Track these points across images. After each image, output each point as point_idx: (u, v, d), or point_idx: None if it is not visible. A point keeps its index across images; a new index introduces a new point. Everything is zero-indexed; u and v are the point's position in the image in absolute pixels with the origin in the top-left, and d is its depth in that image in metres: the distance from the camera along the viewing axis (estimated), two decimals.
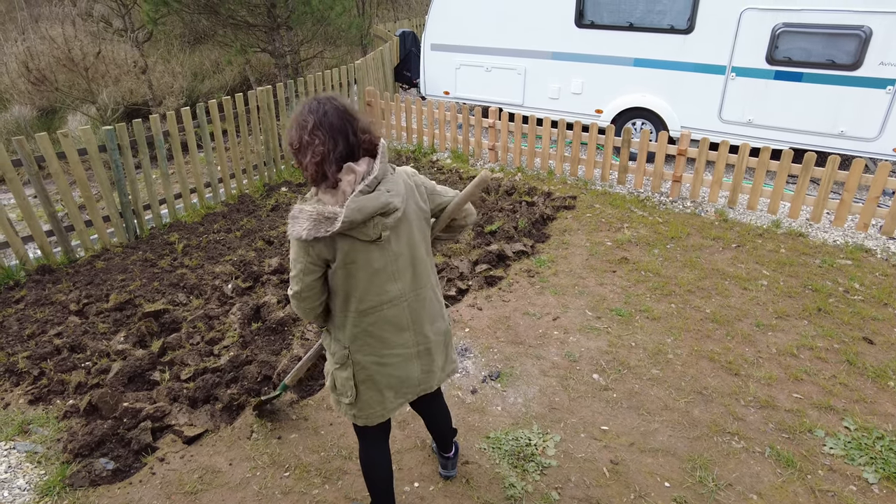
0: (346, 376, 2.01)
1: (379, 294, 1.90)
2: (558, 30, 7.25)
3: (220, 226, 5.43)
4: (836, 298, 4.22)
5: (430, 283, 2.05)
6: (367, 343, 1.96)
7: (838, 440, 2.94)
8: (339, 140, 1.77)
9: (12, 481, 2.71)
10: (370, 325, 1.93)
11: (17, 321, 3.90)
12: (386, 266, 1.88)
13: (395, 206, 1.82)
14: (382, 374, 2.01)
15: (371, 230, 1.80)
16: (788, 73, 6.06)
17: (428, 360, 2.09)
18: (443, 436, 2.57)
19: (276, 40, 9.45)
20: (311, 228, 1.73)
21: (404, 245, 1.92)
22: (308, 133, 1.77)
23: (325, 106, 1.79)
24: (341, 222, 1.71)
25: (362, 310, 1.91)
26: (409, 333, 2.00)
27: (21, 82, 8.49)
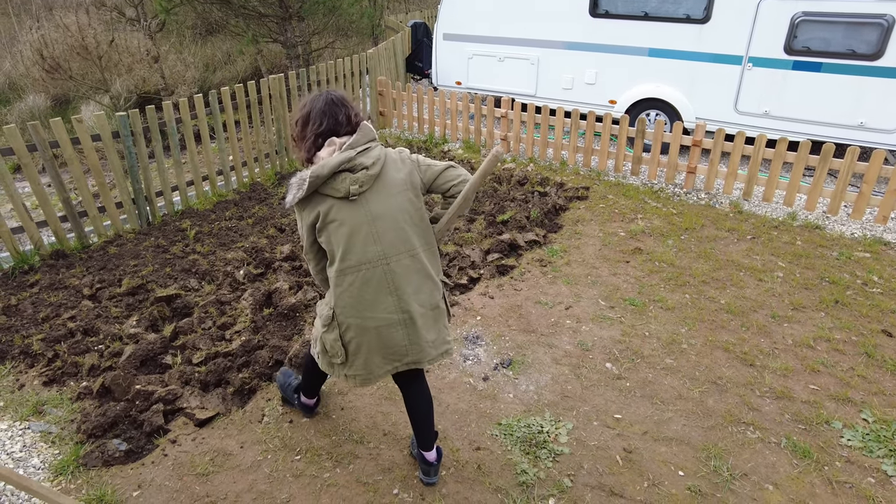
0: (333, 338, 2.18)
1: (358, 254, 2.05)
2: (572, 19, 7.18)
3: (232, 213, 5.44)
4: (854, 291, 4.15)
5: (417, 252, 2.13)
6: (349, 304, 2.10)
7: (856, 432, 2.89)
8: (324, 121, 2.09)
9: (27, 460, 2.73)
10: (351, 285, 2.08)
11: (32, 305, 3.93)
12: (362, 226, 2.05)
13: (363, 164, 2.03)
14: (366, 337, 2.13)
15: (340, 184, 2.02)
16: (807, 64, 5.96)
17: (413, 332, 2.16)
18: (421, 420, 2.45)
19: (287, 31, 9.44)
20: (295, 193, 2.03)
21: (383, 209, 2.07)
22: (302, 119, 2.13)
23: (318, 97, 2.13)
24: (308, 178, 1.99)
25: (343, 269, 2.07)
26: (392, 298, 2.10)
27: (35, 70, 8.54)
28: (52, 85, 8.75)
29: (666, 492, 2.57)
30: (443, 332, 2.29)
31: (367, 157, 2.05)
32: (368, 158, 2.05)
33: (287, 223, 5.17)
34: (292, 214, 5.37)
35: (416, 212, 2.15)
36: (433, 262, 2.22)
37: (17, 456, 2.75)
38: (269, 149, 6.38)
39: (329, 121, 2.09)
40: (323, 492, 2.56)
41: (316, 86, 6.79)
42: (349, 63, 7.36)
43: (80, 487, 2.58)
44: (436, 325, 2.24)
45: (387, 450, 2.77)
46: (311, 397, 2.82)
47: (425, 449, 2.52)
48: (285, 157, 6.59)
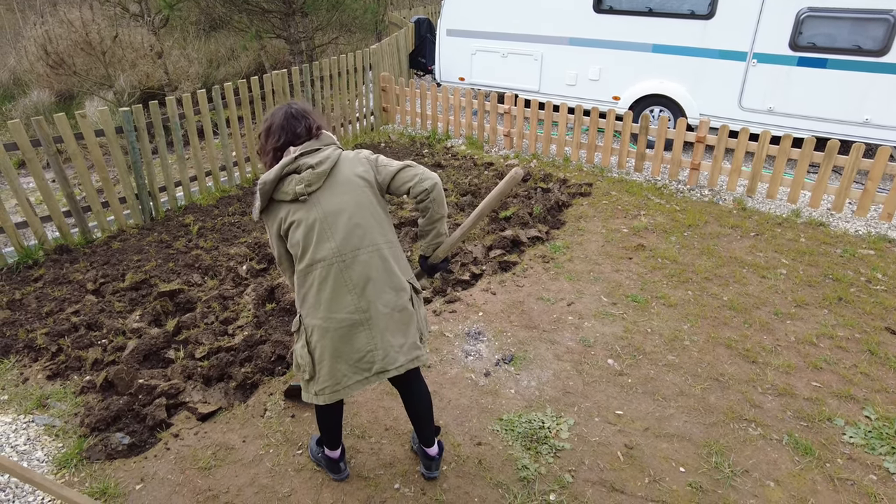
0: (301, 345, 2.15)
1: (314, 252, 2.04)
2: (576, 15, 7.15)
3: (235, 209, 5.45)
4: (858, 288, 4.13)
5: (380, 248, 2.09)
6: (312, 305, 2.08)
7: (858, 429, 2.89)
8: (281, 135, 2.11)
9: (31, 453, 2.75)
10: (311, 285, 2.06)
11: (36, 299, 3.94)
12: (315, 224, 2.03)
13: (307, 164, 2.03)
14: (329, 340, 2.07)
15: (287, 187, 2.03)
16: (812, 60, 5.93)
17: (377, 333, 2.07)
18: (419, 420, 2.43)
19: (291, 26, 9.43)
20: (256, 205, 2.09)
21: (336, 205, 2.04)
22: (263, 133, 2.17)
23: (279, 110, 2.15)
24: (258, 187, 2.04)
25: (302, 269, 2.07)
26: (351, 297, 2.05)
27: (39, 66, 8.56)
28: (56, 80, 8.77)
29: (667, 488, 2.57)
30: (412, 337, 2.16)
31: (313, 157, 2.05)
32: (314, 158, 2.05)
33: None
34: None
35: (375, 208, 2.11)
36: (398, 262, 2.15)
37: (22, 449, 2.77)
38: None
39: (287, 135, 2.10)
40: (324, 486, 2.57)
41: (319, 81, 6.79)
42: (352, 59, 7.36)
43: (84, 480, 2.60)
44: (403, 330, 2.13)
45: (388, 445, 2.78)
46: (333, 448, 2.50)
47: (426, 445, 2.53)
48: None
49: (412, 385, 2.39)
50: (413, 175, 2.11)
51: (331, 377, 2.10)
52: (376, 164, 2.16)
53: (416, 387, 2.39)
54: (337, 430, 2.45)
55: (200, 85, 9.17)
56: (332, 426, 2.42)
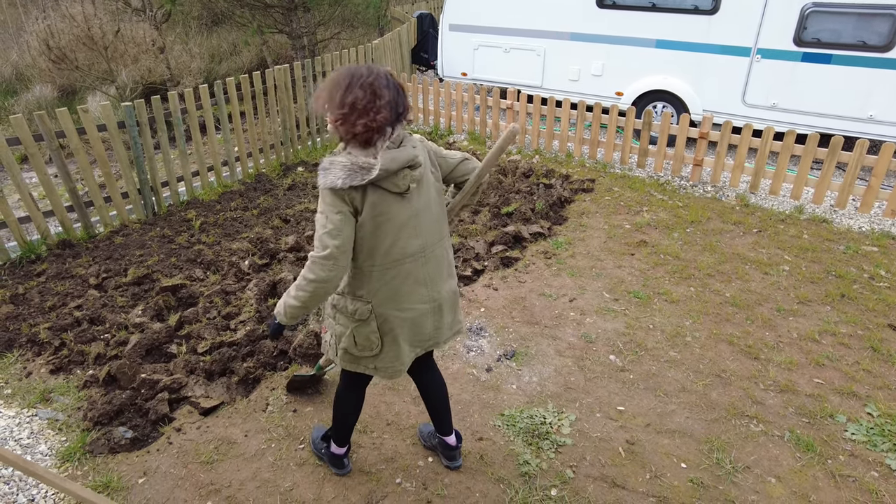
0: (370, 330, 2.07)
1: (403, 248, 1.99)
2: (579, 10, 7.12)
3: (237, 204, 5.45)
4: (861, 285, 4.12)
5: (444, 242, 2.14)
6: (389, 296, 2.03)
7: (860, 426, 2.88)
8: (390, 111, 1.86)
9: (35, 447, 2.76)
10: (392, 279, 2.01)
11: (39, 294, 3.95)
12: (409, 220, 1.98)
13: (420, 161, 1.96)
14: (402, 328, 2.09)
15: (401, 181, 1.91)
16: (817, 55, 5.90)
17: (439, 317, 2.17)
18: (439, 409, 2.49)
19: (293, 21, 9.41)
20: (346, 177, 1.82)
21: (424, 202, 2.02)
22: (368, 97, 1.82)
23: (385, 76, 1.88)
24: (378, 170, 1.83)
25: (387, 263, 1.99)
26: (425, 289, 2.08)
27: (42, 61, 8.55)
28: (58, 75, 8.76)
29: (668, 484, 2.57)
30: (458, 314, 2.31)
31: (421, 153, 1.99)
32: (422, 154, 1.99)
33: (292, 214, 5.18)
34: (298, 207, 5.37)
35: (441, 202, 2.13)
36: (450, 249, 2.25)
37: (25, 442, 2.78)
38: (275, 140, 6.38)
39: (393, 114, 1.88)
40: (326, 480, 2.57)
41: (321, 76, 6.77)
42: (354, 54, 7.34)
43: (87, 474, 2.61)
44: (454, 309, 2.26)
45: (390, 439, 2.79)
46: (343, 444, 2.53)
47: (445, 434, 2.55)
48: (290, 148, 6.58)
49: (430, 372, 2.45)
50: (472, 168, 2.22)
51: (396, 359, 2.15)
52: (435, 154, 2.15)
53: (433, 374, 2.46)
54: (352, 426, 2.49)
55: (202, 80, 9.16)
56: (352, 421, 2.45)
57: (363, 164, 1.84)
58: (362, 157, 1.85)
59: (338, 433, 2.49)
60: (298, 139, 6.73)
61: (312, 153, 6.79)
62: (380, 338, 2.09)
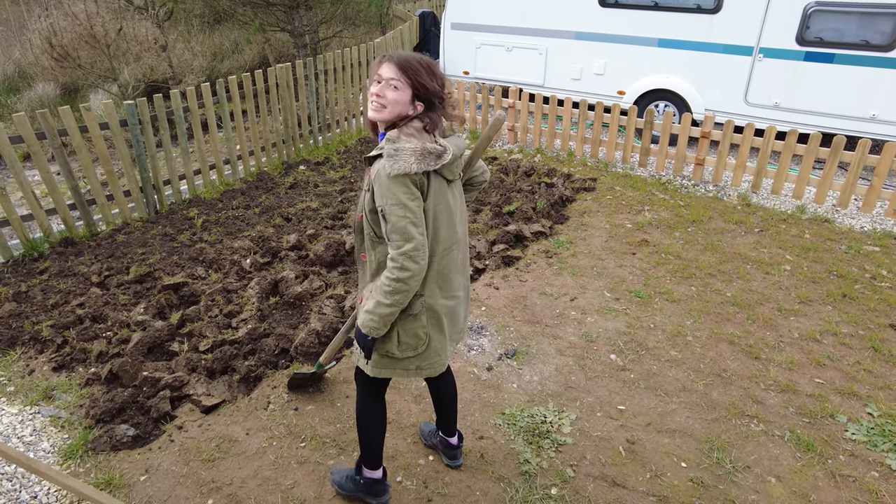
0: (419, 325, 1.98)
1: (453, 235, 2.00)
2: (581, 9, 7.11)
3: (239, 202, 5.46)
4: (863, 285, 4.12)
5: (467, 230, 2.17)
6: (439, 286, 2.00)
7: (861, 426, 2.88)
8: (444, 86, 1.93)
9: (37, 444, 2.77)
10: (444, 268, 2.00)
11: (42, 291, 3.97)
12: (456, 207, 2.01)
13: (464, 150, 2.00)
14: (449, 317, 2.07)
15: (455, 168, 1.96)
16: (819, 55, 5.89)
17: (466, 307, 2.21)
18: (448, 410, 2.48)
19: (295, 19, 9.41)
20: (420, 161, 1.76)
21: (459, 191, 2.06)
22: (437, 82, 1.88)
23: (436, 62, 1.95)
24: (451, 154, 1.84)
25: (440, 251, 1.96)
26: (461, 277, 2.11)
27: (44, 58, 8.56)
28: (60, 73, 8.78)
29: (668, 483, 2.57)
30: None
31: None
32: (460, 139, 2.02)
33: (293, 213, 5.18)
34: (299, 205, 5.36)
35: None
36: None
37: (28, 440, 2.79)
38: (276, 138, 6.38)
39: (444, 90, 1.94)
40: (327, 479, 2.58)
41: (323, 75, 6.78)
42: (357, 52, 7.34)
43: (89, 471, 2.62)
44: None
45: (390, 438, 2.79)
46: (375, 467, 2.37)
47: (449, 435, 2.57)
48: (292, 146, 6.59)
49: (448, 376, 2.44)
50: (480, 165, 2.25)
51: (440, 353, 2.08)
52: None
53: (450, 378, 2.45)
54: (382, 437, 2.33)
55: (205, 78, 9.16)
56: (381, 439, 2.31)
57: (432, 149, 1.79)
58: (429, 143, 1.80)
59: (368, 455, 2.32)
60: (300, 138, 6.74)
61: (314, 152, 6.80)
62: (427, 333, 2.00)
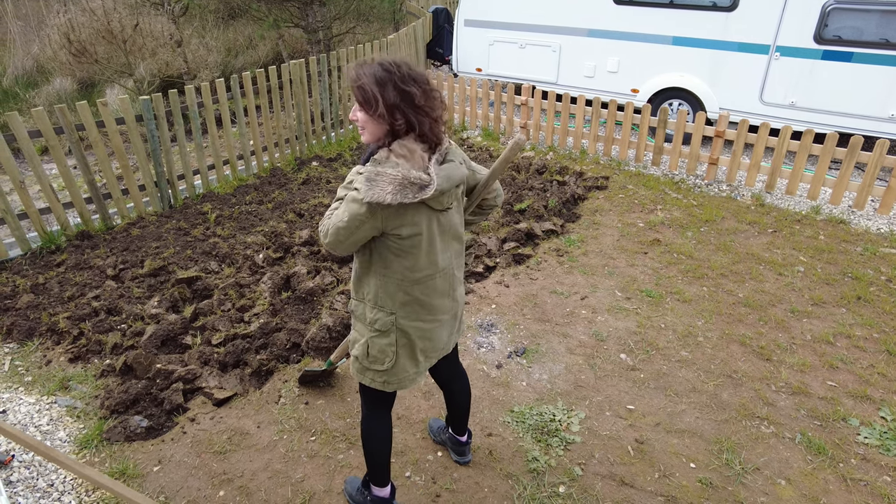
0: (387, 342, 1.97)
1: (433, 263, 1.91)
2: (596, 6, 7.07)
3: (252, 197, 5.50)
4: (878, 287, 4.07)
5: (461, 251, 2.08)
6: (414, 310, 1.95)
7: (874, 430, 2.86)
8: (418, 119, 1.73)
9: (54, 433, 2.82)
10: (421, 293, 1.93)
11: (59, 283, 4.03)
12: (443, 236, 1.91)
13: (464, 179, 1.88)
14: (422, 339, 2.01)
15: (445, 199, 1.83)
16: (837, 53, 5.80)
17: (453, 325, 2.14)
18: (462, 411, 2.48)
19: (309, 15, 9.44)
20: (396, 193, 1.65)
21: (451, 216, 1.93)
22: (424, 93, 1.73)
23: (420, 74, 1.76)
24: (434, 189, 1.70)
25: (417, 278, 1.90)
26: (448, 300, 2.03)
27: (62, 54, 8.67)
28: (78, 68, 8.88)
29: (677, 483, 2.57)
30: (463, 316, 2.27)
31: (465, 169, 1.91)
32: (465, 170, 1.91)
33: (306, 208, 5.22)
34: (312, 201, 5.40)
35: (462, 215, 2.06)
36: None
37: (45, 429, 2.85)
38: (290, 134, 6.42)
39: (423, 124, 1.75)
40: (337, 472, 2.61)
41: (336, 71, 6.80)
42: (370, 49, 7.35)
43: (104, 461, 2.67)
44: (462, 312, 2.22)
45: (399, 433, 2.81)
46: (383, 483, 2.32)
47: (460, 434, 2.59)
48: (305, 142, 6.63)
49: (461, 381, 2.44)
50: (496, 188, 2.14)
51: (413, 368, 2.05)
52: (469, 167, 2.03)
53: (464, 383, 2.45)
54: (387, 461, 2.28)
55: (219, 73, 9.23)
56: (385, 456, 2.25)
57: (415, 179, 1.66)
58: (414, 171, 1.67)
59: (373, 473, 2.28)
60: (313, 134, 6.77)
61: (327, 148, 6.83)
62: (395, 352, 1.99)
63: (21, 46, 10.28)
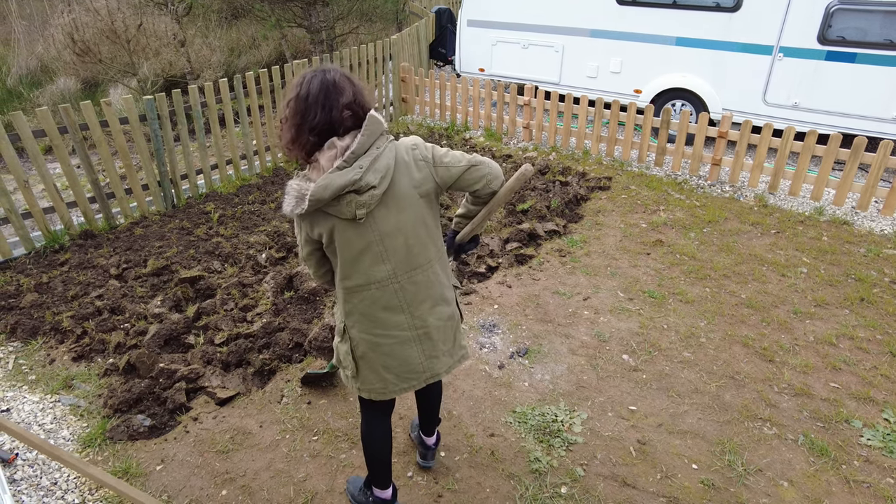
0: (345, 350, 2.01)
1: (365, 274, 1.85)
2: (598, 7, 7.07)
3: (255, 197, 5.51)
4: (881, 289, 4.06)
5: (431, 265, 1.93)
6: (359, 320, 1.93)
7: (877, 432, 2.85)
8: (317, 112, 1.70)
9: (58, 432, 2.83)
10: (359, 304, 1.90)
11: (62, 283, 4.05)
12: (370, 246, 1.81)
13: (370, 184, 1.71)
14: (378, 354, 1.95)
15: (345, 208, 1.73)
16: (841, 54, 5.79)
17: (430, 346, 1.99)
18: (429, 409, 2.45)
19: (312, 15, 9.46)
20: (294, 204, 1.73)
21: (393, 225, 1.81)
22: (287, 105, 1.75)
23: (312, 78, 1.73)
24: (308, 199, 1.69)
25: (349, 287, 1.88)
26: (404, 316, 1.91)
27: (66, 53, 8.70)
28: (81, 68, 8.91)
29: (679, 484, 2.57)
30: (458, 338, 2.11)
31: (375, 174, 1.72)
32: (376, 175, 1.72)
33: None
34: None
35: (429, 221, 1.90)
36: (445, 270, 2.04)
37: (49, 427, 2.86)
38: None
39: (324, 114, 1.71)
40: (339, 472, 2.61)
41: None
42: (373, 49, 7.36)
43: (107, 459, 2.68)
44: (452, 335, 2.08)
45: (402, 433, 2.82)
46: (384, 486, 2.30)
47: (427, 434, 2.57)
48: None
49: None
50: (481, 176, 1.91)
51: (378, 381, 2.01)
52: (434, 162, 1.86)
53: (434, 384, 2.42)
54: (387, 463, 2.25)
55: (222, 73, 9.25)
56: (384, 458, 2.23)
57: (302, 191, 1.70)
58: (307, 183, 1.71)
59: (374, 475, 2.27)
60: None
61: None
62: (353, 361, 1.99)
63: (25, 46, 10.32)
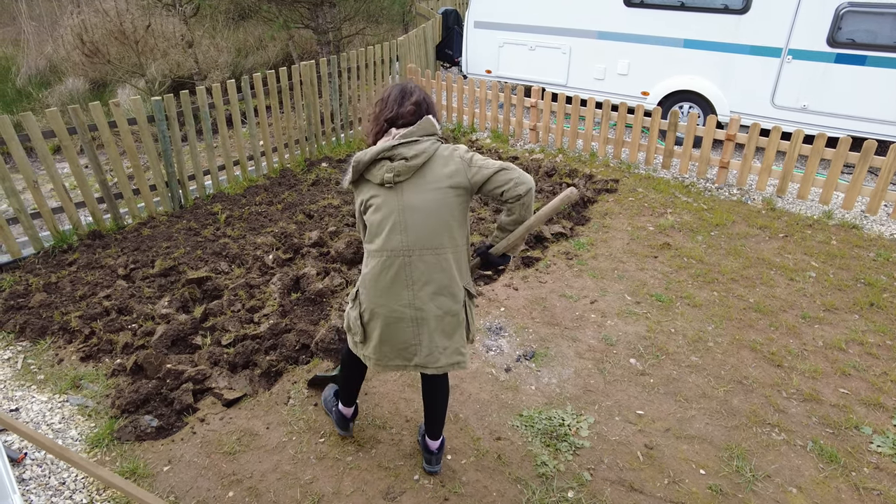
0: (354, 315, 2.26)
1: (386, 239, 2.09)
2: (606, 8, 7.05)
3: (262, 198, 5.52)
4: (891, 293, 4.03)
5: (445, 252, 2.11)
6: (370, 286, 2.16)
7: (887, 438, 2.83)
8: (393, 108, 2.17)
9: (66, 431, 2.85)
10: (374, 268, 2.13)
11: (71, 283, 4.07)
12: (392, 214, 2.08)
13: (402, 154, 2.06)
14: (378, 323, 2.17)
15: (377, 171, 2.09)
16: (851, 57, 5.76)
17: (424, 332, 2.15)
18: (434, 412, 2.49)
19: (319, 16, 9.47)
20: (346, 176, 2.18)
21: (419, 201, 2.07)
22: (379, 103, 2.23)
23: (395, 86, 2.22)
24: (351, 163, 2.12)
25: (370, 251, 2.16)
26: (407, 292, 2.11)
27: (76, 54, 8.75)
28: (90, 69, 8.96)
29: (686, 489, 2.55)
30: (457, 342, 2.21)
31: (410, 149, 2.06)
32: (410, 150, 2.06)
33: (315, 210, 5.23)
34: (321, 202, 5.43)
35: (455, 210, 2.10)
36: (460, 268, 2.16)
37: (57, 427, 2.87)
38: (299, 135, 6.44)
39: (394, 109, 2.16)
40: (345, 474, 2.61)
41: (346, 72, 6.82)
42: (379, 50, 7.37)
43: (115, 460, 2.68)
44: (451, 333, 2.18)
45: (408, 436, 2.82)
46: (348, 404, 2.69)
47: (432, 438, 2.57)
48: (315, 143, 6.65)
49: (439, 380, 2.44)
50: (508, 179, 2.07)
51: (376, 352, 2.23)
52: (470, 162, 2.11)
53: (441, 380, 2.44)
54: (355, 387, 2.63)
55: (229, 74, 9.28)
56: (354, 383, 2.60)
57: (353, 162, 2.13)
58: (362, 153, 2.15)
59: (342, 391, 2.65)
60: (323, 135, 6.79)
61: (336, 149, 6.85)
62: (361, 326, 2.23)
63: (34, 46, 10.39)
